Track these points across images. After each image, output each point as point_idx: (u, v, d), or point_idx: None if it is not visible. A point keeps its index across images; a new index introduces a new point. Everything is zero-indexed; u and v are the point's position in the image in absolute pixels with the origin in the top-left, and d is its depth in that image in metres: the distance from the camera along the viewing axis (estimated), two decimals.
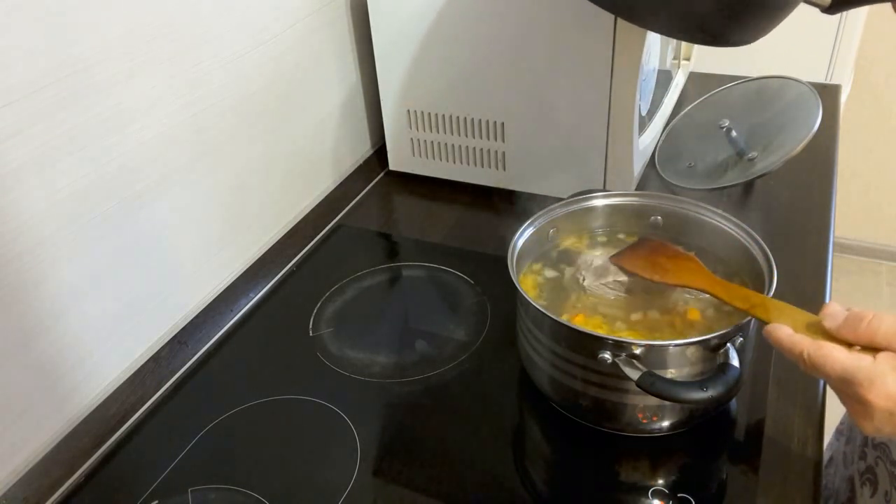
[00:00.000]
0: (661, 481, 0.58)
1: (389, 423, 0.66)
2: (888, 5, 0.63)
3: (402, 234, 0.93)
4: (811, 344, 0.48)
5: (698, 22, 0.61)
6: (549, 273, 0.69)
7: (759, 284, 0.60)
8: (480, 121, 0.91)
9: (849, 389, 0.45)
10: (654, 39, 0.86)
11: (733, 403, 0.64)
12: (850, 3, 0.64)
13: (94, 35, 0.61)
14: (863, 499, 0.68)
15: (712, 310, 0.63)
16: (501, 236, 0.66)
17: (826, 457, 0.78)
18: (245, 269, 0.84)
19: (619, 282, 0.65)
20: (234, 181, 0.80)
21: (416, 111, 0.95)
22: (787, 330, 0.50)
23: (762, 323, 0.53)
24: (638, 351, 0.54)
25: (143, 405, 0.70)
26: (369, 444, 0.63)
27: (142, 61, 0.66)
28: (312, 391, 0.69)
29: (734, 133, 0.91)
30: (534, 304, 0.58)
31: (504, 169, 0.94)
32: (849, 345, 0.47)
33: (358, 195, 1.01)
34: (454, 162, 0.97)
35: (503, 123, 0.90)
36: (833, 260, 0.80)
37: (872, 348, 0.46)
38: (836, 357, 0.46)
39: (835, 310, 0.49)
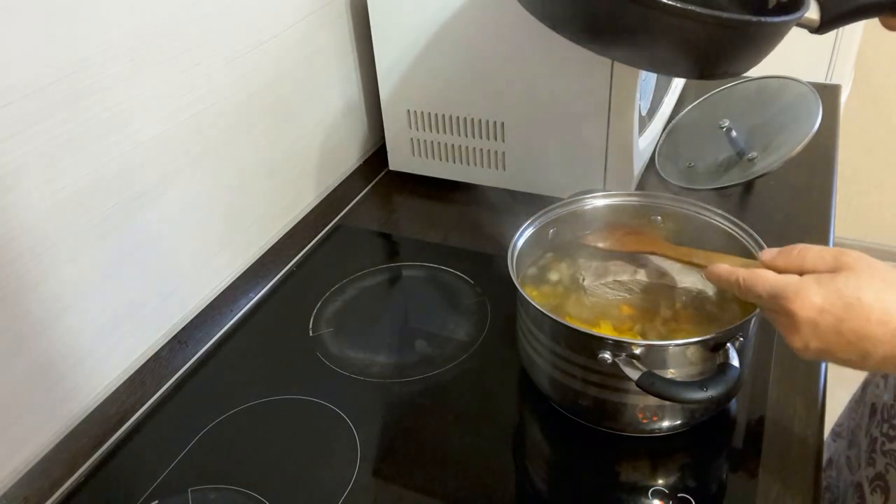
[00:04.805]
0: (661, 481, 0.58)
1: (389, 423, 0.66)
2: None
3: (402, 234, 0.93)
4: (746, 270, 0.52)
5: (689, 65, 0.61)
6: (549, 273, 0.69)
7: None
8: (480, 121, 0.91)
9: (776, 304, 0.48)
10: None
11: (733, 403, 0.64)
12: (838, 22, 0.64)
13: (94, 35, 0.61)
14: None
15: (715, 309, 0.63)
16: (501, 236, 0.66)
17: (824, 459, 0.78)
18: (245, 269, 0.84)
19: (619, 282, 0.65)
20: (234, 181, 0.80)
21: (416, 111, 0.95)
22: (725, 266, 0.55)
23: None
24: (638, 351, 0.54)
25: (143, 405, 0.70)
26: (369, 444, 0.63)
27: (142, 61, 0.66)
28: (312, 391, 0.69)
29: (734, 133, 0.91)
30: (534, 304, 0.58)
31: (504, 169, 0.94)
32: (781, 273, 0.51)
33: (358, 195, 1.01)
34: (454, 162, 0.97)
35: (503, 123, 0.90)
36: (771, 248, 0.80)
37: (799, 273, 0.50)
38: (767, 277, 0.50)
39: (770, 249, 0.54)
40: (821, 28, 0.64)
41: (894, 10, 0.63)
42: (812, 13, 0.63)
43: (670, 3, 0.54)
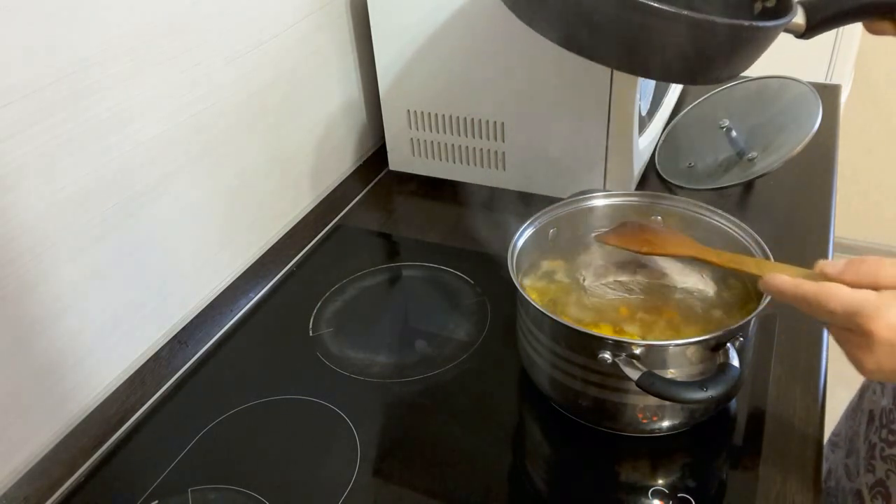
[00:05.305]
0: (661, 481, 0.58)
1: (389, 423, 0.66)
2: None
3: (402, 234, 0.93)
4: (814, 283, 0.48)
5: (678, 69, 0.62)
6: (550, 273, 0.69)
7: None
8: (480, 121, 0.91)
9: (852, 322, 0.45)
10: None
11: (733, 403, 0.64)
12: (823, 27, 0.65)
13: (94, 35, 0.61)
14: None
15: (715, 309, 0.63)
16: (501, 236, 0.66)
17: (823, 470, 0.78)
18: (245, 269, 0.84)
19: (619, 282, 0.66)
20: (234, 181, 0.80)
21: (416, 111, 0.95)
22: (787, 278, 0.50)
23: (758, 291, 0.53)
24: (638, 351, 0.54)
25: (143, 405, 0.70)
26: (369, 444, 0.63)
27: (142, 61, 0.66)
28: (312, 391, 0.69)
29: (734, 133, 0.91)
30: (534, 304, 0.58)
31: (504, 169, 0.94)
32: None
33: (358, 195, 1.00)
34: (454, 162, 0.97)
35: (503, 123, 0.90)
36: (833, 260, 0.80)
37: (874, 289, 0.46)
38: (841, 293, 0.46)
39: (832, 261, 0.49)
40: (806, 33, 0.65)
41: (879, 14, 0.64)
42: (798, 18, 0.64)
43: (661, 6, 0.54)
